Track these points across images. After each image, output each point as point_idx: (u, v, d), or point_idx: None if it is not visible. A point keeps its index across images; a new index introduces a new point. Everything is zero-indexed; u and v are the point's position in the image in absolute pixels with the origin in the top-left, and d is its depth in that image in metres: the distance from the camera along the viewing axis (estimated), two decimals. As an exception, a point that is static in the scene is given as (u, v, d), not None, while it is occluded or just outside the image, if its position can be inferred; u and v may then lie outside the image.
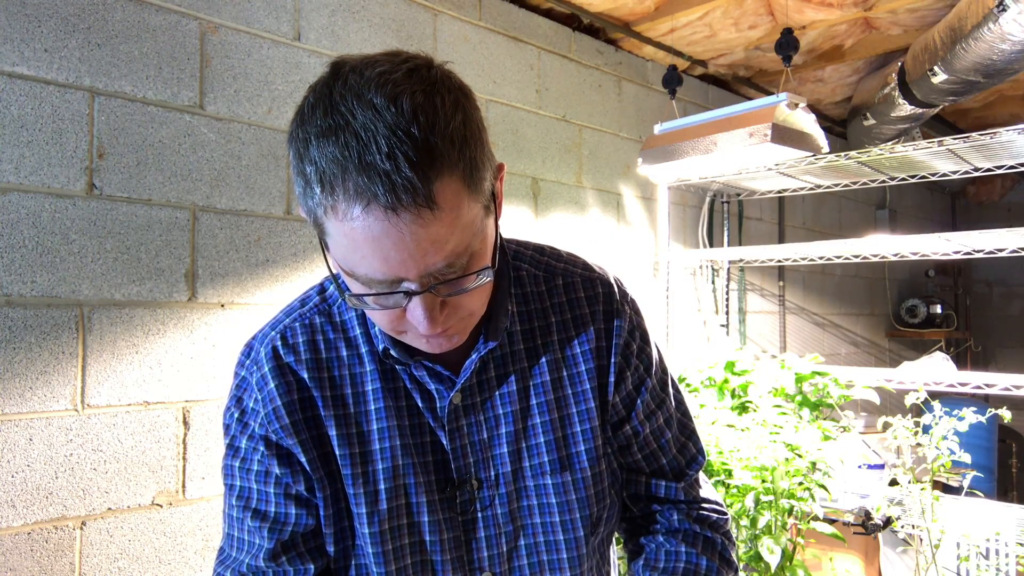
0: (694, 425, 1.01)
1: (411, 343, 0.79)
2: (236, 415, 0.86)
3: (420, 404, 0.85)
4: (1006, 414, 2.07)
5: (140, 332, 1.59)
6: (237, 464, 0.86)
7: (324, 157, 0.63)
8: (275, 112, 1.83)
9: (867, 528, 2.13)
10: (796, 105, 2.31)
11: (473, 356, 0.84)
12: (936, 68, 2.50)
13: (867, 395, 2.35)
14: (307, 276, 1.87)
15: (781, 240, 3.70)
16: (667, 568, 0.92)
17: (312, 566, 0.85)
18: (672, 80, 2.78)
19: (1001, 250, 2.44)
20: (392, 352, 0.83)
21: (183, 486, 1.64)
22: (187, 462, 1.65)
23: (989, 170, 2.57)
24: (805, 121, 2.34)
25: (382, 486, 0.84)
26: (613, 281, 0.94)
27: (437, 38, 2.21)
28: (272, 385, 0.83)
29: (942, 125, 3.97)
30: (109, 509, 1.53)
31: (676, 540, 0.94)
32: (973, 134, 2.24)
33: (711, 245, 3.23)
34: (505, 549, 0.87)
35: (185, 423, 1.65)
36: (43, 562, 1.44)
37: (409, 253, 0.65)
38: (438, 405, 0.85)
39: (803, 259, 2.88)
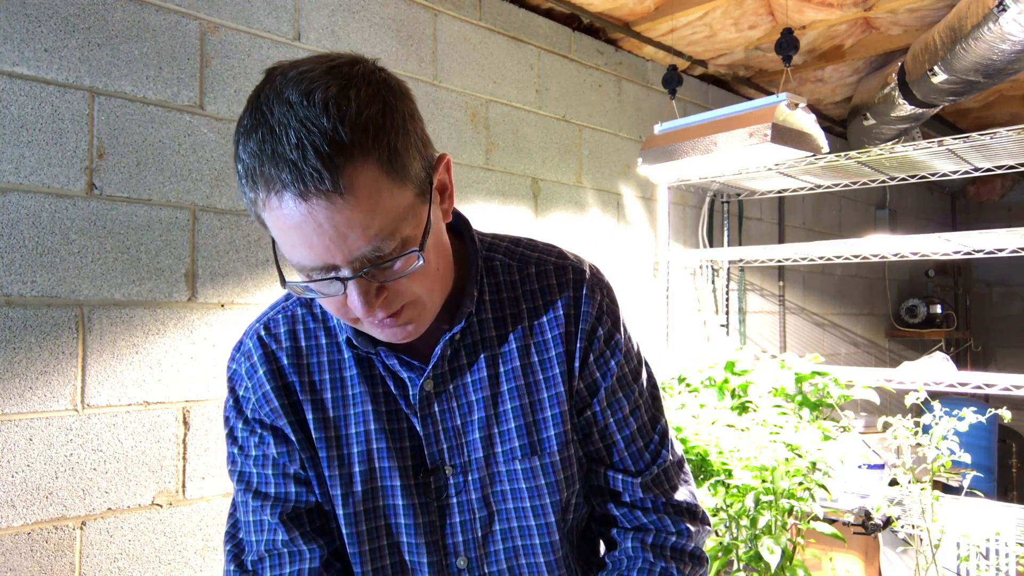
0: (666, 422, 0.98)
1: (368, 332, 0.80)
2: (232, 405, 0.90)
3: (394, 391, 0.87)
4: (1006, 414, 2.07)
5: (140, 332, 1.59)
6: (236, 451, 0.90)
7: (247, 153, 0.68)
8: (275, 112, 1.82)
9: (867, 528, 2.13)
10: (796, 105, 2.31)
11: (441, 341, 0.85)
12: (936, 68, 2.50)
13: (867, 395, 2.35)
14: (307, 276, 1.87)
15: (781, 240, 3.70)
16: None
17: (321, 542, 0.87)
18: (672, 80, 2.78)
19: (1001, 250, 2.44)
20: (354, 341, 0.85)
21: (183, 486, 1.64)
22: (187, 462, 1.65)
23: (989, 170, 2.57)
24: (805, 121, 2.34)
25: (356, 468, 0.86)
26: (587, 268, 0.94)
27: (437, 38, 2.21)
28: (261, 372, 0.88)
29: (942, 125, 3.97)
30: (109, 509, 1.53)
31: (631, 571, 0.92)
32: (973, 134, 2.24)
33: (711, 245, 3.23)
34: (480, 534, 0.88)
35: (185, 423, 1.65)
36: (43, 562, 1.44)
37: (330, 238, 0.68)
38: (410, 392, 0.87)
39: (803, 259, 2.88)
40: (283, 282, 0.75)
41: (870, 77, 3.28)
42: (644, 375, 0.97)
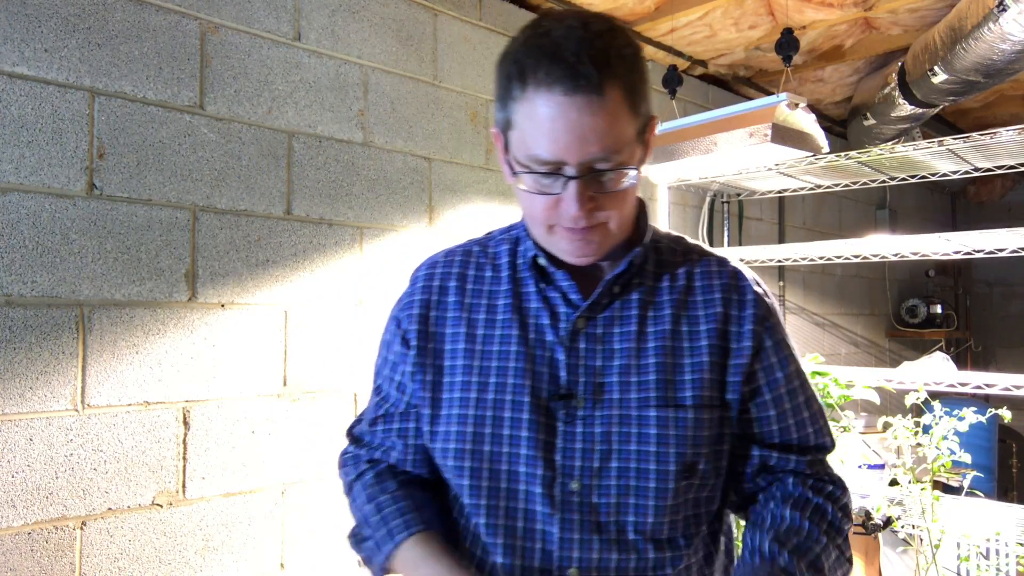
0: (826, 419, 1.05)
1: (557, 244, 0.92)
2: (395, 306, 1.07)
3: (546, 323, 0.96)
4: (1006, 414, 2.07)
5: (140, 332, 1.59)
6: (383, 339, 1.08)
7: (526, 55, 0.83)
8: (275, 112, 1.83)
9: (867, 528, 2.13)
10: (796, 105, 2.30)
11: (607, 276, 0.95)
12: (936, 68, 2.50)
13: (867, 395, 2.35)
14: (307, 276, 1.87)
15: (781, 240, 3.70)
16: (770, 527, 0.94)
17: (400, 444, 1.02)
18: (672, 80, 2.78)
19: (1001, 250, 2.44)
20: (540, 260, 0.97)
21: (183, 486, 1.64)
22: (187, 462, 1.65)
23: (989, 170, 2.56)
24: (805, 121, 2.34)
25: (492, 379, 0.95)
26: (748, 270, 1.04)
27: (437, 38, 2.21)
28: (420, 284, 1.03)
29: (942, 125, 3.97)
30: (109, 509, 1.53)
31: (785, 505, 0.96)
32: (973, 134, 2.24)
33: (711, 245, 3.23)
34: (596, 465, 0.91)
35: (185, 423, 1.65)
36: (43, 562, 1.44)
37: (574, 136, 0.82)
38: (561, 325, 0.95)
39: (803, 259, 2.88)
40: (512, 173, 0.88)
41: (870, 77, 3.28)
42: (805, 373, 1.05)
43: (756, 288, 1.00)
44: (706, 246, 1.08)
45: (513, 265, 1.01)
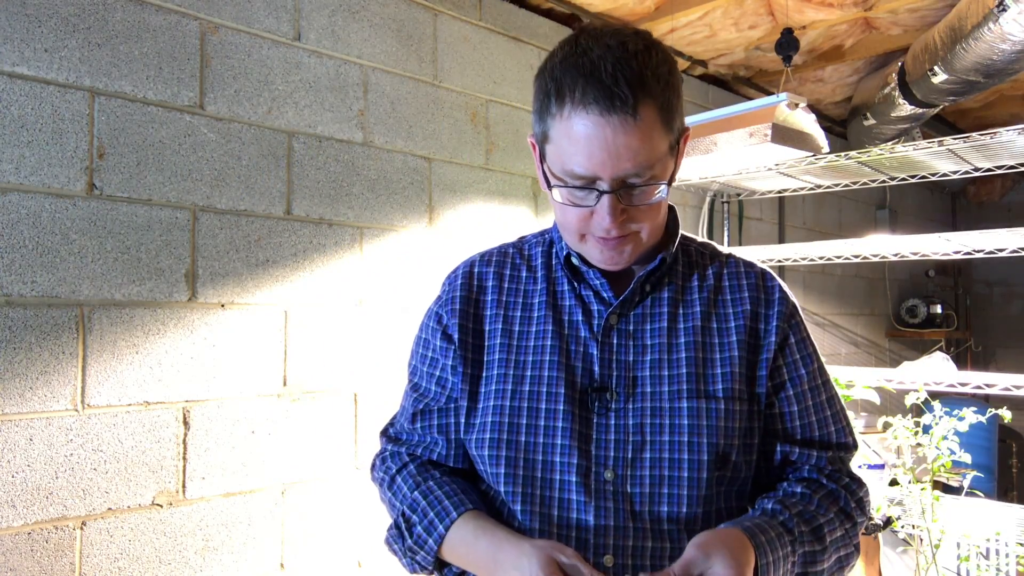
0: (848, 419, 1.07)
1: (589, 252, 0.96)
2: (433, 304, 1.10)
3: (580, 319, 1.00)
4: (1006, 414, 2.07)
5: (140, 332, 1.59)
6: (418, 338, 1.10)
7: (566, 74, 0.86)
8: (275, 112, 1.83)
9: (867, 528, 2.13)
10: (796, 105, 2.30)
11: (638, 274, 0.98)
12: (936, 68, 2.50)
13: (867, 395, 2.35)
14: (307, 276, 1.87)
15: (781, 240, 3.70)
16: (778, 496, 0.97)
17: (441, 439, 1.04)
18: (672, 80, 2.77)
19: (1001, 250, 2.44)
20: (573, 259, 1.00)
21: (183, 486, 1.64)
22: (187, 462, 1.65)
23: (989, 170, 2.56)
24: (805, 121, 2.34)
25: (528, 372, 0.98)
26: (774, 274, 1.08)
27: (437, 38, 2.21)
28: (460, 282, 1.07)
29: (942, 125, 3.97)
30: (109, 509, 1.53)
31: (797, 484, 0.99)
32: (973, 134, 2.24)
33: (711, 245, 3.22)
34: (630, 455, 0.94)
35: (185, 423, 1.65)
36: (43, 562, 1.44)
37: (608, 153, 0.85)
38: (595, 321, 0.99)
39: (803, 259, 2.88)
40: (548, 185, 0.93)
41: (870, 77, 3.28)
42: (828, 373, 1.07)
43: (783, 288, 1.04)
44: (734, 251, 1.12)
45: (548, 266, 1.06)
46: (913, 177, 2.70)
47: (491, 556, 0.88)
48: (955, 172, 2.62)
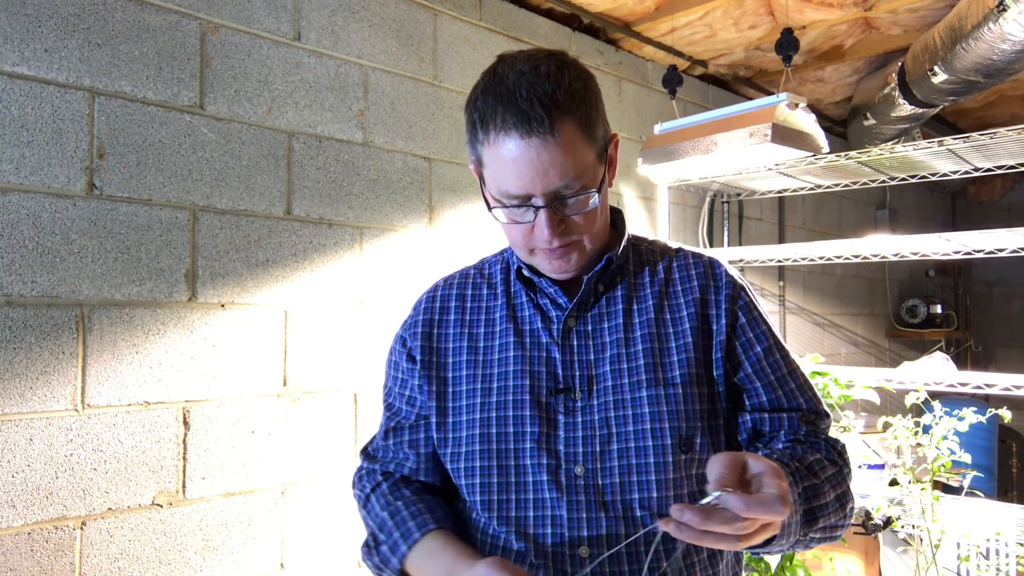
0: (815, 390, 1.09)
1: (539, 264, 1.02)
2: (400, 328, 1.15)
3: (540, 326, 1.05)
4: (1006, 414, 2.07)
5: (140, 332, 1.59)
6: (390, 359, 1.16)
7: (486, 103, 0.93)
8: (275, 112, 1.83)
9: (867, 528, 2.13)
10: (796, 105, 2.30)
11: (587, 277, 1.03)
12: (936, 68, 2.50)
13: (867, 395, 2.35)
14: (307, 276, 1.87)
15: (781, 240, 3.70)
16: (765, 449, 1.00)
17: (412, 454, 1.09)
18: (672, 80, 2.77)
19: (1001, 250, 2.44)
20: (524, 271, 1.06)
21: (183, 486, 1.64)
22: (187, 462, 1.65)
23: (989, 170, 2.56)
24: (805, 121, 2.34)
25: (495, 384, 1.03)
26: (724, 260, 1.12)
27: (437, 38, 2.21)
28: (423, 307, 1.13)
29: (942, 125, 3.97)
30: (109, 509, 1.53)
31: (776, 442, 1.02)
32: (973, 134, 2.24)
33: (711, 245, 3.23)
34: (598, 449, 0.98)
35: (185, 423, 1.65)
36: (43, 562, 1.44)
37: (536, 172, 0.91)
38: (554, 327, 1.04)
39: (803, 259, 2.88)
40: (489, 207, 0.98)
41: (870, 77, 3.28)
42: (786, 348, 1.10)
43: (729, 273, 1.08)
44: (682, 244, 1.16)
45: (507, 281, 1.11)
46: (913, 177, 2.70)
47: (448, 574, 0.92)
48: (955, 172, 2.62)
